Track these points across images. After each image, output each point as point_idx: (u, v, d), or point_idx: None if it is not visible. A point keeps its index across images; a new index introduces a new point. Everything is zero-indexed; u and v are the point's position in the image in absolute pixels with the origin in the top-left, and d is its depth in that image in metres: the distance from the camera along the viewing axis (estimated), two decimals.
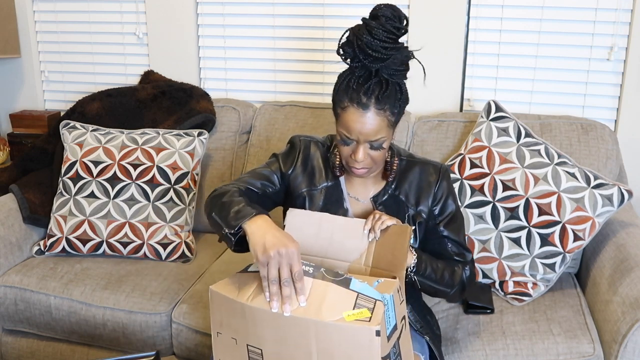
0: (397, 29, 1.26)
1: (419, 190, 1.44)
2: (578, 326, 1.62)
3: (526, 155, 1.84)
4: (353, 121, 1.27)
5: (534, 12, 2.16)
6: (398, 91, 1.30)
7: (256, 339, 1.16)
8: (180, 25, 2.49)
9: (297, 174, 1.46)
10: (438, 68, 2.25)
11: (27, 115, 2.60)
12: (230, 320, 1.19)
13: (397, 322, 1.14)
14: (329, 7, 2.34)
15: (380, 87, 1.27)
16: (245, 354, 1.19)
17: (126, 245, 2.02)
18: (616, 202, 1.75)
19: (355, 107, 1.27)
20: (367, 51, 1.24)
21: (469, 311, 1.72)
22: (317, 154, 1.47)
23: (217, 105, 2.34)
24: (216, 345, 1.24)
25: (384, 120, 1.28)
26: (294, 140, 1.50)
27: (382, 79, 1.27)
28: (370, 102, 1.26)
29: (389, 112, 1.28)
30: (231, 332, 1.20)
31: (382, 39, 1.24)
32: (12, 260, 2.02)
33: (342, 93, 1.29)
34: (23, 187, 2.16)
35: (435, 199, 1.44)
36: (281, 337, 1.13)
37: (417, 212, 1.44)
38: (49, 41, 2.68)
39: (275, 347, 1.14)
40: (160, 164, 2.07)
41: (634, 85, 2.12)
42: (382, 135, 1.29)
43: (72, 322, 1.88)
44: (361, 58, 1.26)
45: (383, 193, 1.44)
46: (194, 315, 1.77)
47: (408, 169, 1.45)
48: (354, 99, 1.27)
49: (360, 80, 1.27)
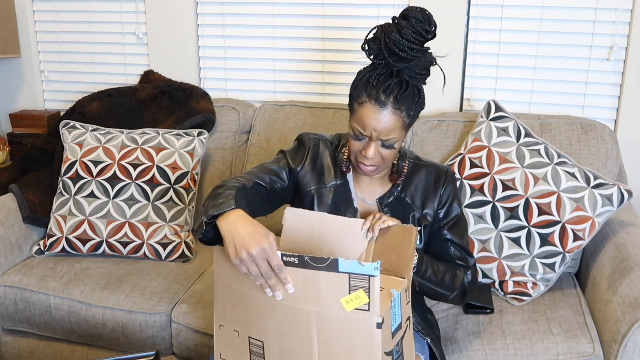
0: (427, 32, 1.26)
1: (426, 193, 1.44)
2: (578, 326, 1.62)
3: (526, 155, 1.84)
4: (369, 117, 1.28)
5: (534, 12, 2.16)
6: (417, 95, 1.30)
7: (258, 331, 1.16)
8: (180, 25, 2.49)
9: (306, 172, 1.45)
10: (438, 68, 2.24)
11: (27, 115, 2.60)
12: (234, 312, 1.19)
13: (402, 322, 1.14)
14: (329, 7, 2.34)
15: (400, 87, 1.27)
16: (247, 347, 1.19)
17: (126, 245, 2.02)
18: (616, 202, 1.75)
19: (373, 103, 1.27)
20: (393, 49, 1.24)
21: (469, 311, 1.72)
22: (326, 152, 1.47)
23: (217, 105, 2.34)
24: (218, 338, 1.24)
25: (399, 121, 1.28)
26: (303, 137, 1.49)
27: (402, 80, 1.28)
28: (388, 101, 1.26)
29: (405, 113, 1.28)
30: (234, 324, 1.20)
31: (410, 39, 1.24)
32: (12, 260, 2.02)
33: (361, 88, 1.29)
34: (23, 187, 2.16)
35: (441, 203, 1.44)
36: (283, 329, 1.13)
37: (423, 215, 1.43)
38: (49, 41, 2.68)
39: (277, 340, 1.14)
40: (160, 164, 2.07)
41: (634, 85, 2.11)
42: (395, 135, 1.29)
43: (72, 322, 1.88)
44: (386, 56, 1.26)
45: (389, 195, 1.44)
46: (194, 315, 1.77)
47: (415, 172, 1.45)
48: (373, 95, 1.27)
49: (381, 78, 1.28)
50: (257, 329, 1.16)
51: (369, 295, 1.05)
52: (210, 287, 1.87)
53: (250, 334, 1.17)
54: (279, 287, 1.12)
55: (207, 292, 1.85)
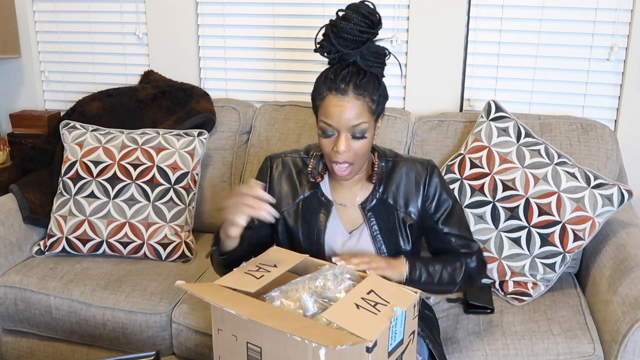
0: (370, 13, 1.29)
1: (407, 190, 1.43)
2: (578, 326, 1.62)
3: (526, 155, 1.84)
4: (332, 106, 1.28)
5: (534, 12, 2.16)
6: (376, 82, 1.31)
7: (255, 336, 1.16)
8: (180, 25, 2.49)
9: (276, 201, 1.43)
10: (438, 68, 2.25)
11: (27, 115, 2.60)
12: (231, 317, 1.19)
13: (404, 337, 1.13)
14: (329, 7, 2.34)
15: (357, 74, 1.29)
16: (245, 352, 1.19)
17: (126, 245, 2.02)
18: (616, 202, 1.75)
19: (333, 93, 1.28)
20: (342, 35, 1.27)
21: (469, 311, 1.72)
22: (287, 171, 1.48)
23: (217, 105, 2.34)
24: (217, 342, 1.24)
25: (364, 105, 1.29)
26: (261, 167, 1.51)
27: (359, 69, 1.29)
28: (348, 88, 1.27)
29: (368, 98, 1.29)
30: (232, 329, 1.20)
31: (356, 22, 1.27)
32: (12, 260, 2.02)
33: (321, 85, 1.31)
34: (23, 187, 2.16)
35: (428, 197, 1.44)
36: (280, 336, 1.13)
37: (407, 213, 1.43)
38: (49, 41, 2.68)
39: (274, 346, 1.14)
40: (160, 164, 2.07)
41: (634, 85, 2.11)
42: (363, 119, 1.29)
43: (72, 322, 1.88)
44: (336, 45, 1.28)
45: (371, 198, 1.44)
46: (194, 315, 1.77)
47: (394, 170, 1.44)
48: (332, 87, 1.28)
49: (337, 70, 1.29)
50: (254, 334, 1.16)
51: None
52: None
53: (248, 339, 1.17)
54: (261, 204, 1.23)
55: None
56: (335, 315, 1.07)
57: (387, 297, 1.14)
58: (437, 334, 1.54)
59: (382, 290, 1.16)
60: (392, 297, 1.14)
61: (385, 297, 1.14)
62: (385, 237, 1.43)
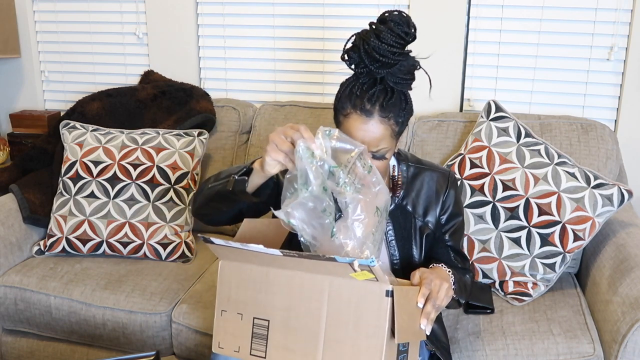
0: (406, 34, 1.21)
1: (428, 200, 1.42)
2: (578, 326, 1.62)
3: (526, 155, 1.84)
4: (356, 128, 1.23)
5: (534, 12, 2.16)
6: (403, 100, 1.25)
7: (265, 309, 1.15)
8: (180, 25, 2.49)
9: None
10: (438, 68, 2.25)
11: (27, 115, 2.60)
12: (240, 292, 1.18)
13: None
14: (328, 7, 2.34)
15: (385, 94, 1.22)
16: (250, 329, 1.18)
17: (126, 245, 2.02)
18: (616, 202, 1.75)
19: (358, 113, 1.22)
20: (373, 55, 1.19)
21: (469, 311, 1.72)
22: None
23: (217, 105, 2.34)
24: (218, 326, 1.23)
25: (388, 130, 1.24)
26: None
27: (387, 86, 1.23)
28: (374, 109, 1.21)
29: (393, 120, 1.24)
30: (238, 307, 1.19)
31: (390, 43, 1.19)
32: (12, 260, 2.02)
33: (345, 100, 1.24)
34: (23, 187, 2.16)
35: (443, 208, 1.43)
36: (292, 303, 1.12)
37: (425, 223, 1.41)
38: (49, 41, 2.68)
39: (284, 316, 1.13)
40: (160, 164, 2.07)
41: (634, 85, 2.12)
42: (385, 145, 1.25)
43: (72, 322, 1.88)
44: (367, 63, 1.21)
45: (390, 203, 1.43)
46: (194, 315, 1.77)
47: (416, 177, 1.42)
48: (357, 105, 1.22)
49: (364, 87, 1.23)
50: (264, 307, 1.15)
51: (374, 274, 1.05)
52: (211, 287, 1.87)
53: (256, 314, 1.17)
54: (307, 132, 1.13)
55: (207, 292, 1.85)
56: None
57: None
58: (444, 335, 1.54)
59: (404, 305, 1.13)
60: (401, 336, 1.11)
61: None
62: (399, 243, 1.41)
